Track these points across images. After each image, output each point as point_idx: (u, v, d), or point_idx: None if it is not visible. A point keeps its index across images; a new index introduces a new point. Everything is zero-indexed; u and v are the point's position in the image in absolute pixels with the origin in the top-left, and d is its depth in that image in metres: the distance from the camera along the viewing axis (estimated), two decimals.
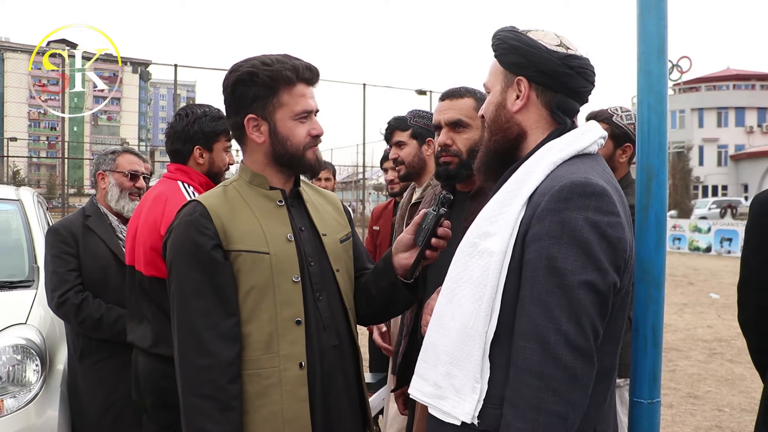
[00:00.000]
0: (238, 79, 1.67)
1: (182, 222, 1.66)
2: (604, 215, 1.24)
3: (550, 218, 1.24)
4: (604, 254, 1.23)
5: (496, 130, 1.47)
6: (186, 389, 1.60)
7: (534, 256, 1.24)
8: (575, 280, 1.20)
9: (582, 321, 1.20)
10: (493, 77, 1.49)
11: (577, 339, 1.19)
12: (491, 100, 1.48)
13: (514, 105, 1.45)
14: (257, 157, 1.74)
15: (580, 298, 1.20)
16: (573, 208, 1.23)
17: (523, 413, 1.19)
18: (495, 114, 1.47)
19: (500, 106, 1.46)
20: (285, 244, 1.69)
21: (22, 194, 4.13)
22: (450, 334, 1.33)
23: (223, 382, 1.57)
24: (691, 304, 10.02)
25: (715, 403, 5.15)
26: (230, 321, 1.61)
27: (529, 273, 1.24)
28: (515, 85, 1.44)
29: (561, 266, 1.21)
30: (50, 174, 45.11)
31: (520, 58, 1.42)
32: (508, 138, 1.45)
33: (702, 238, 20.57)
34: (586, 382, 1.21)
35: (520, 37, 1.43)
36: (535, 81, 1.43)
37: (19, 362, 2.71)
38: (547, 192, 1.27)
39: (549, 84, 1.43)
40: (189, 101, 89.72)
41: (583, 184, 1.25)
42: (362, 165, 20.12)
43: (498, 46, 1.46)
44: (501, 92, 1.46)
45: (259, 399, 1.62)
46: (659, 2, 1.64)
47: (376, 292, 1.80)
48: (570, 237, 1.22)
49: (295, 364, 1.64)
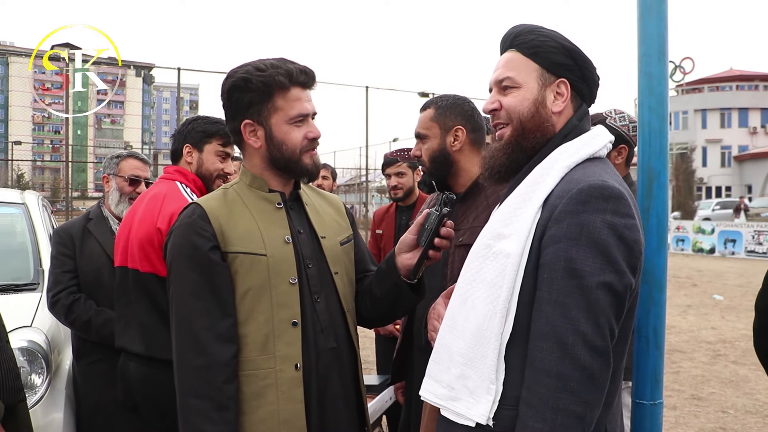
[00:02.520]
0: (233, 85, 1.70)
1: (182, 224, 1.69)
2: (621, 218, 1.25)
3: (568, 220, 1.25)
4: (622, 256, 1.24)
5: (533, 128, 1.43)
6: (183, 389, 1.61)
7: (552, 257, 1.25)
8: (594, 281, 1.21)
9: (600, 321, 1.21)
10: (524, 73, 1.44)
11: (595, 339, 1.20)
12: (526, 95, 1.43)
13: (554, 105, 1.43)
14: (255, 161, 1.76)
15: (599, 299, 1.21)
16: (591, 211, 1.24)
17: (541, 413, 1.20)
18: (534, 111, 1.43)
19: (541, 104, 1.43)
20: (282, 246, 1.70)
21: (27, 198, 4.15)
22: (464, 335, 1.33)
23: (220, 382, 1.58)
24: (694, 306, 9.99)
25: (719, 405, 5.13)
26: (227, 322, 1.63)
27: (547, 274, 1.25)
28: (555, 86, 1.43)
29: (580, 267, 1.22)
30: (54, 177, 45.18)
31: (569, 61, 1.42)
32: (545, 137, 1.43)
33: (706, 239, 20.52)
34: (603, 382, 1.22)
35: (567, 38, 1.43)
36: (574, 86, 1.43)
37: (25, 365, 2.73)
38: (564, 194, 1.28)
39: (582, 92, 1.45)
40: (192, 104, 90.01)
41: (600, 187, 1.26)
42: (365, 168, 20.14)
43: (545, 43, 1.43)
44: (539, 89, 1.43)
45: (255, 400, 1.64)
46: (660, 4, 1.65)
47: (380, 293, 1.80)
48: (588, 239, 1.23)
49: (291, 366, 1.65)
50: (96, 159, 34.81)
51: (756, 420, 4.78)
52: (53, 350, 2.91)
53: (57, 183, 39.87)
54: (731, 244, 19.53)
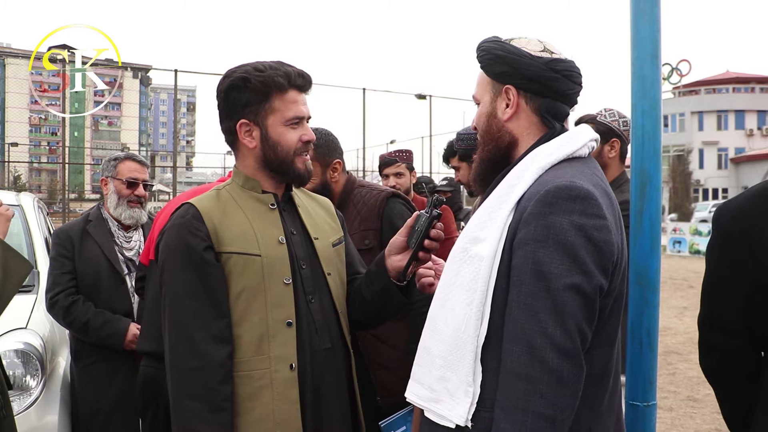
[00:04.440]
0: (231, 84, 1.70)
1: (175, 224, 1.69)
2: (589, 218, 1.24)
3: (535, 222, 1.25)
4: (590, 257, 1.23)
5: (488, 140, 1.48)
6: (177, 390, 1.61)
7: (520, 260, 1.25)
8: (561, 283, 1.21)
9: (568, 324, 1.21)
10: (482, 88, 1.50)
11: (564, 342, 1.20)
12: (482, 111, 1.50)
13: (504, 113, 1.46)
14: (249, 161, 1.76)
15: (566, 302, 1.21)
16: (558, 212, 1.24)
17: (512, 416, 1.20)
18: (486, 124, 1.48)
19: (491, 116, 1.47)
20: (276, 247, 1.70)
21: (22, 200, 4.15)
22: (443, 338, 1.34)
23: (215, 383, 1.58)
24: (691, 308, 10.00)
25: (714, 407, 5.13)
26: (222, 322, 1.63)
27: (516, 277, 1.25)
28: (504, 94, 1.45)
29: (546, 270, 1.22)
30: (51, 179, 45.15)
31: (505, 67, 1.44)
32: (500, 147, 1.47)
33: (702, 241, 20.51)
34: (574, 385, 1.22)
35: (504, 45, 1.45)
36: (523, 88, 1.44)
37: (20, 367, 2.73)
38: (533, 196, 1.28)
39: (536, 90, 1.44)
40: (189, 106, 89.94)
41: (567, 188, 1.26)
42: (362, 170, 20.15)
43: (483, 57, 1.47)
44: (491, 102, 1.48)
45: (250, 401, 1.63)
46: (652, 8, 1.66)
47: (370, 295, 1.80)
48: (555, 240, 1.22)
49: (286, 366, 1.65)
50: (93, 161, 34.70)
51: None
52: (48, 352, 2.90)
53: (54, 185, 39.83)
54: None
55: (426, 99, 18.61)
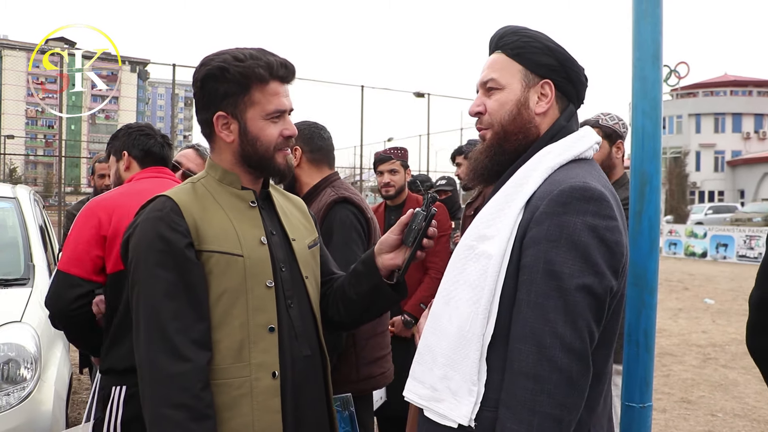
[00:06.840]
0: (208, 73, 1.58)
1: (150, 218, 1.54)
2: (602, 219, 1.24)
3: (548, 222, 1.24)
4: (602, 258, 1.23)
5: (515, 130, 1.42)
6: (155, 399, 1.46)
7: (532, 259, 1.24)
8: (573, 283, 1.20)
9: (578, 324, 1.20)
10: (508, 74, 1.43)
11: (574, 342, 1.19)
12: (509, 97, 1.42)
13: (538, 106, 1.42)
14: (226, 156, 1.65)
15: (577, 302, 1.20)
16: (572, 212, 1.23)
17: (518, 415, 1.19)
18: (516, 112, 1.42)
19: (523, 105, 1.42)
20: (258, 247, 1.61)
21: (18, 192, 4.13)
22: (447, 336, 1.32)
23: (197, 389, 1.45)
24: (686, 309, 10.03)
25: (708, 408, 5.16)
26: (202, 325, 1.51)
27: (527, 276, 1.24)
28: (539, 87, 1.42)
29: (559, 269, 1.21)
30: (47, 172, 44.91)
31: (553, 61, 1.41)
32: (528, 139, 1.42)
33: (698, 243, 20.60)
34: (582, 385, 1.21)
35: (552, 40, 1.42)
36: (560, 88, 1.42)
37: (14, 360, 2.71)
38: (545, 196, 1.27)
39: (570, 93, 1.43)
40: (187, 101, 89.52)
41: (582, 189, 1.25)
42: (359, 167, 20.11)
43: (528, 44, 1.41)
44: (522, 90, 1.42)
45: (227, 410, 1.51)
46: (654, 9, 1.65)
47: (357, 295, 1.72)
48: (568, 240, 1.22)
49: (268, 374, 1.55)
50: (90, 154, 34.60)
51: (744, 423, 4.81)
52: (43, 346, 2.89)
53: (50, 178, 39.62)
54: (723, 249, 19.62)
55: (424, 97, 18.56)
